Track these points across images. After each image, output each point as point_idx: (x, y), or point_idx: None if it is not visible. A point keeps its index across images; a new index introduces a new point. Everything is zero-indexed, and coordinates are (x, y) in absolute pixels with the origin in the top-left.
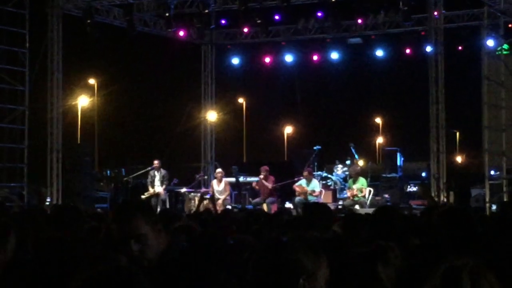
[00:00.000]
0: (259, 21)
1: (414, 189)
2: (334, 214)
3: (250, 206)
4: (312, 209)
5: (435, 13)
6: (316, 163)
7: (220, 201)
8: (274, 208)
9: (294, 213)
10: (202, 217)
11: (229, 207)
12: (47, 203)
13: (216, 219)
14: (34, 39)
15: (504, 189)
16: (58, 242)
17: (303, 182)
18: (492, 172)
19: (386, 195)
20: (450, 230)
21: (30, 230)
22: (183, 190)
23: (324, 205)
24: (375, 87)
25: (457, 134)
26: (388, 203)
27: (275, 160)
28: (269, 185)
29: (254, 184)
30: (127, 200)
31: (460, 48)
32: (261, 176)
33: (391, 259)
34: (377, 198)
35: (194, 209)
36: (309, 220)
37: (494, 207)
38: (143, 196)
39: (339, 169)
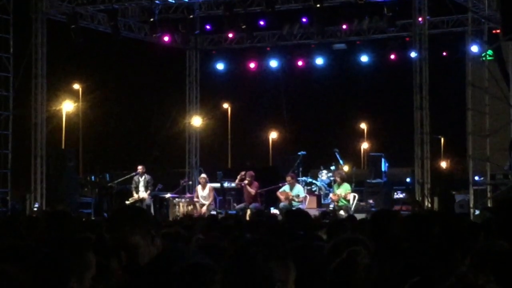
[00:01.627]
0: (244, 27)
1: (401, 195)
2: (318, 220)
3: (233, 212)
4: (293, 215)
5: (420, 19)
6: (300, 169)
7: (204, 207)
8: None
9: (280, 218)
10: (185, 223)
11: (213, 212)
12: (35, 209)
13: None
14: (18, 44)
15: (488, 194)
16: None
17: (286, 187)
18: (476, 178)
19: (371, 201)
20: (429, 236)
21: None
22: (168, 195)
23: (304, 212)
24: (360, 93)
25: (442, 139)
26: (373, 209)
27: (260, 166)
28: (252, 190)
29: (237, 182)
30: (120, 208)
31: (444, 54)
32: (246, 182)
33: (359, 263)
34: (361, 203)
35: (178, 214)
36: (290, 226)
37: (477, 212)
38: (127, 202)
39: (324, 175)
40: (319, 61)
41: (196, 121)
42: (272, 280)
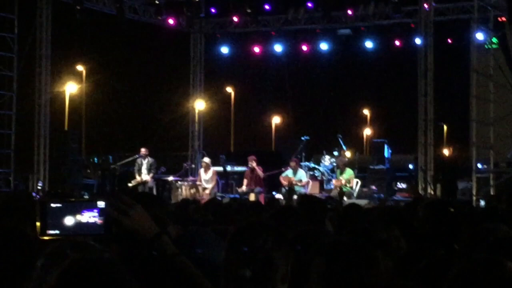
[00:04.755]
0: (249, 11)
1: (404, 185)
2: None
3: (236, 196)
4: (307, 201)
5: (426, 5)
6: (303, 154)
7: (207, 190)
8: (261, 198)
9: (283, 204)
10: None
11: (219, 198)
12: (39, 187)
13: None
14: (23, 25)
15: (491, 182)
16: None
17: (289, 172)
18: (479, 166)
19: (373, 187)
20: (434, 222)
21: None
22: (170, 178)
23: (318, 199)
24: (364, 79)
25: (445, 127)
26: (375, 195)
27: (262, 150)
28: (261, 173)
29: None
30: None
31: (449, 41)
32: (249, 165)
33: (393, 249)
34: (364, 189)
35: (180, 197)
36: (303, 212)
37: (482, 203)
38: (130, 184)
39: (327, 160)
40: (324, 46)
41: (200, 104)
42: (272, 265)
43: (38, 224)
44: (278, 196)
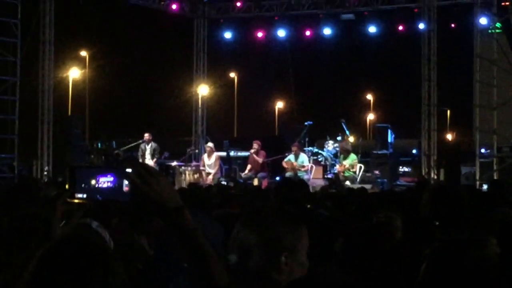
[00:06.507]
0: None
1: (407, 169)
2: (325, 190)
3: (240, 181)
4: (288, 184)
5: None
6: (307, 139)
7: (210, 176)
8: (265, 183)
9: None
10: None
11: (224, 183)
12: (45, 173)
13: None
14: (27, 10)
15: (494, 167)
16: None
17: (291, 157)
18: (483, 150)
19: (377, 172)
20: (438, 206)
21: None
22: (174, 163)
23: (301, 181)
24: (367, 64)
25: (448, 112)
26: (378, 180)
27: (265, 135)
28: (260, 159)
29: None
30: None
31: (453, 25)
32: (252, 150)
33: (394, 232)
34: (367, 174)
35: (184, 182)
36: (284, 194)
37: (485, 186)
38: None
39: (330, 145)
40: (327, 31)
41: (203, 89)
42: (279, 247)
43: (67, 187)
44: None
